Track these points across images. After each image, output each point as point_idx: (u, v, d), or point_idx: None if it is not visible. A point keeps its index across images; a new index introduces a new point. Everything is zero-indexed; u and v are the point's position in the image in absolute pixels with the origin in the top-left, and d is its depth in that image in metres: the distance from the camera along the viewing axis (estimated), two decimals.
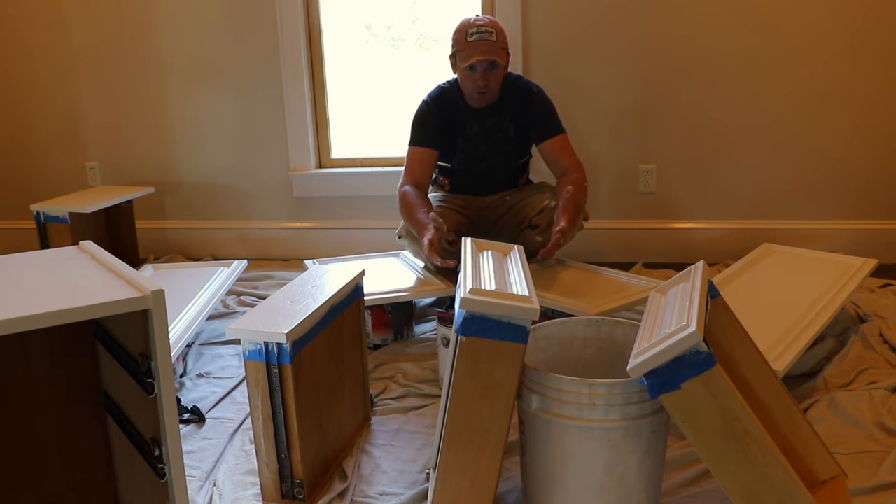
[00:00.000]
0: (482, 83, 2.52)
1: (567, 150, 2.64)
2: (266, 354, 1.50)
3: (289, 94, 3.40)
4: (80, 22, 3.49)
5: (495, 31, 2.49)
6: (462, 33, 2.52)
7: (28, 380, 1.37)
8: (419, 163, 2.62)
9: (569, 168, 2.60)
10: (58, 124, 3.64)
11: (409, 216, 2.49)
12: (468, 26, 2.51)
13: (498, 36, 2.50)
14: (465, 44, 2.49)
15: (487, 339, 1.31)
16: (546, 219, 2.53)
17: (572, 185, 2.47)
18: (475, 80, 2.53)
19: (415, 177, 2.60)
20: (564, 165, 2.61)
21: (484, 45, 2.47)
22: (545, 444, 1.39)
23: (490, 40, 2.48)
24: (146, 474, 1.25)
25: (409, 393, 2.10)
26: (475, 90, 2.55)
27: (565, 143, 2.64)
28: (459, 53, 2.52)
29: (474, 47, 2.47)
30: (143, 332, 1.14)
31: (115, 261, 1.29)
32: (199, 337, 2.56)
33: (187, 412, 2.01)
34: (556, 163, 2.64)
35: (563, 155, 2.62)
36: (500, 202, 2.73)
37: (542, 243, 2.52)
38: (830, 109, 3.06)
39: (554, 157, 2.64)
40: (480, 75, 2.51)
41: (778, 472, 1.22)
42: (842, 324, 2.37)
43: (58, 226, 3.06)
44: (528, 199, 2.64)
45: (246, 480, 1.70)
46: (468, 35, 2.49)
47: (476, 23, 2.51)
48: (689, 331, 1.19)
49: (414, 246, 2.62)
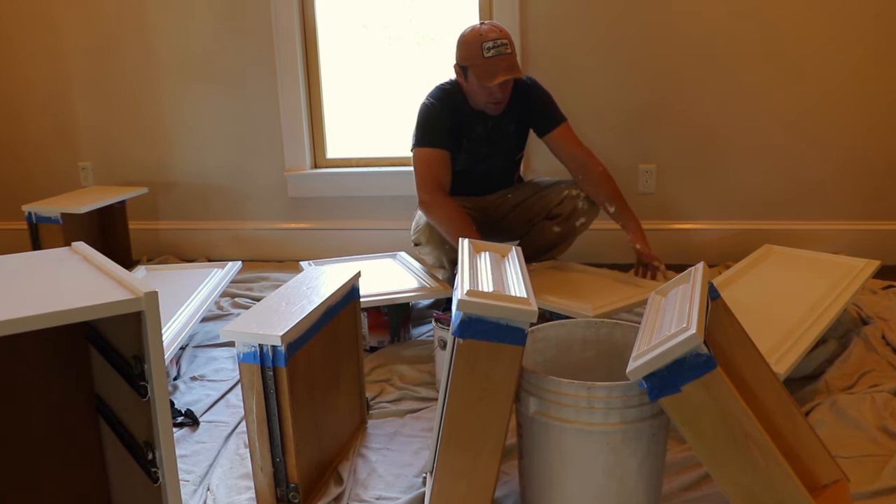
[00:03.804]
0: (500, 96, 2.48)
1: (574, 139, 2.60)
2: (261, 357, 1.50)
3: (284, 93, 3.40)
4: (71, 20, 3.48)
5: (509, 43, 2.42)
6: (476, 47, 2.41)
7: (20, 383, 1.37)
8: (439, 165, 2.51)
9: (586, 161, 2.56)
10: (50, 124, 3.64)
11: (449, 228, 2.41)
12: (482, 39, 2.41)
13: (512, 47, 2.43)
14: (483, 60, 2.40)
15: (485, 342, 1.31)
16: (567, 208, 2.54)
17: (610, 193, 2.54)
18: (493, 94, 2.46)
19: (440, 181, 2.50)
20: (578, 157, 2.57)
21: (504, 61, 2.39)
22: (543, 448, 1.39)
23: (507, 53, 2.40)
24: (140, 478, 1.25)
25: (405, 396, 2.10)
26: (491, 102, 2.50)
27: (570, 132, 2.61)
28: (475, 69, 2.42)
29: (495, 66, 2.39)
30: (136, 335, 1.14)
31: (108, 262, 1.29)
32: (193, 339, 2.56)
33: (181, 415, 2.01)
34: (568, 154, 2.60)
35: (571, 145, 2.59)
36: (502, 201, 2.73)
37: (561, 234, 2.51)
38: (833, 108, 3.07)
39: (563, 149, 2.60)
40: (499, 89, 2.46)
41: (779, 475, 1.23)
42: (844, 326, 2.38)
43: (50, 227, 3.06)
44: (543, 193, 2.63)
45: (240, 485, 1.70)
46: (484, 50, 2.39)
47: (489, 35, 2.41)
48: (689, 333, 1.19)
49: (437, 251, 2.59)
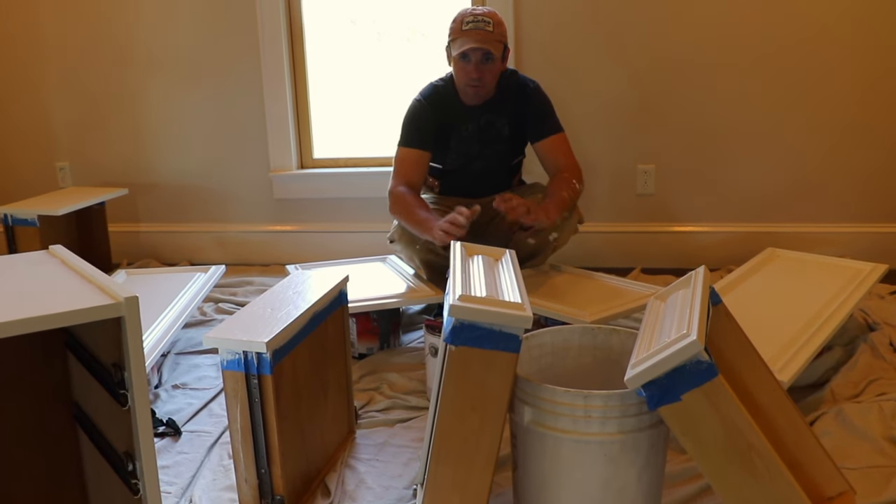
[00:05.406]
0: (475, 75, 2.50)
1: (563, 149, 2.64)
2: (245, 364, 1.50)
3: (269, 90, 3.39)
4: (50, 14, 3.48)
5: (493, 22, 2.49)
6: (458, 22, 2.52)
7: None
8: (412, 164, 2.59)
9: (562, 168, 2.60)
10: (26, 122, 3.63)
11: (407, 216, 2.47)
12: (465, 15, 2.51)
13: (496, 27, 2.49)
14: (460, 32, 2.49)
15: (478, 349, 1.31)
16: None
17: (555, 182, 2.52)
18: (468, 72, 2.51)
19: (407, 178, 2.57)
20: (558, 165, 2.62)
21: (479, 34, 2.46)
22: (538, 459, 1.39)
23: (486, 30, 2.47)
24: (119, 490, 1.25)
25: (395, 405, 2.10)
26: (468, 83, 2.53)
27: (562, 143, 2.64)
28: (453, 42, 2.52)
29: (469, 36, 2.47)
30: (115, 341, 1.14)
31: (87, 266, 1.28)
32: (175, 346, 2.55)
33: (162, 425, 2.01)
34: (551, 163, 2.64)
35: (558, 155, 2.62)
36: (491, 204, 2.72)
37: (535, 247, 2.52)
38: (838, 106, 3.08)
39: (549, 157, 2.64)
40: (474, 67, 2.49)
41: (783, 488, 1.23)
42: (850, 332, 2.38)
43: (26, 229, 3.05)
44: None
45: (224, 497, 1.70)
46: (464, 24, 2.49)
47: (473, 12, 2.51)
48: (689, 339, 1.19)
49: (408, 251, 2.61)
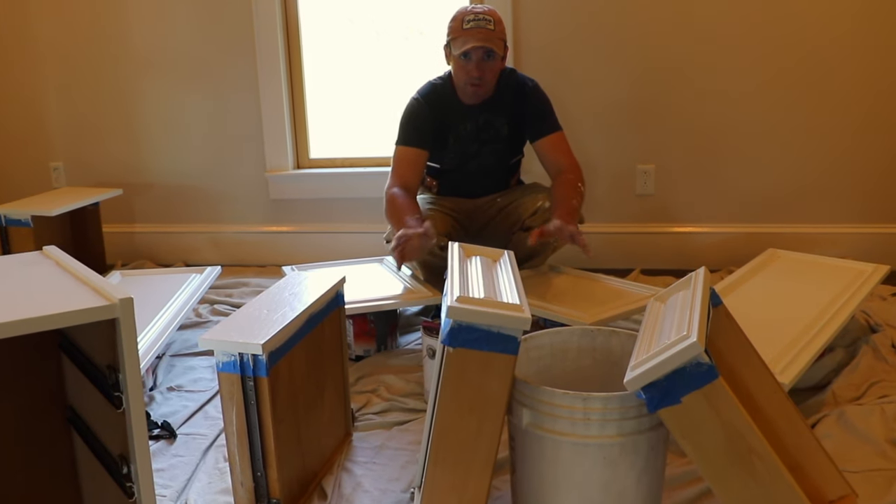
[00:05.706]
0: (476, 74, 2.51)
1: (563, 148, 2.64)
2: (241, 366, 1.50)
3: (265, 90, 3.39)
4: (44, 14, 3.47)
5: (493, 21, 2.50)
6: (458, 21, 2.52)
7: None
8: (408, 164, 2.60)
9: (564, 168, 2.60)
10: (20, 122, 3.63)
11: (396, 221, 2.47)
12: (465, 14, 2.52)
13: (496, 26, 2.50)
14: (461, 31, 2.50)
15: (476, 351, 1.31)
16: (540, 220, 2.54)
17: (563, 187, 2.50)
18: (469, 71, 2.51)
19: (404, 179, 2.58)
20: (559, 165, 2.62)
21: (481, 32, 2.47)
22: (537, 462, 1.39)
23: (487, 28, 2.48)
24: (114, 493, 1.25)
25: (392, 407, 2.10)
26: (469, 82, 2.53)
27: (562, 142, 2.64)
28: (454, 42, 2.52)
29: (470, 34, 2.47)
30: (110, 343, 1.14)
31: (81, 267, 1.28)
32: (170, 348, 2.55)
33: (157, 427, 2.01)
34: (551, 162, 2.64)
35: (558, 154, 2.63)
36: (491, 204, 2.73)
37: (536, 247, 2.52)
38: (840, 105, 3.08)
39: (549, 157, 2.64)
40: (475, 65, 2.49)
41: (784, 491, 1.23)
42: (851, 334, 2.39)
43: (20, 230, 3.05)
44: (521, 201, 2.65)
45: (219, 500, 1.70)
46: (464, 22, 2.50)
47: (474, 10, 2.52)
48: (689, 341, 1.19)
49: None
